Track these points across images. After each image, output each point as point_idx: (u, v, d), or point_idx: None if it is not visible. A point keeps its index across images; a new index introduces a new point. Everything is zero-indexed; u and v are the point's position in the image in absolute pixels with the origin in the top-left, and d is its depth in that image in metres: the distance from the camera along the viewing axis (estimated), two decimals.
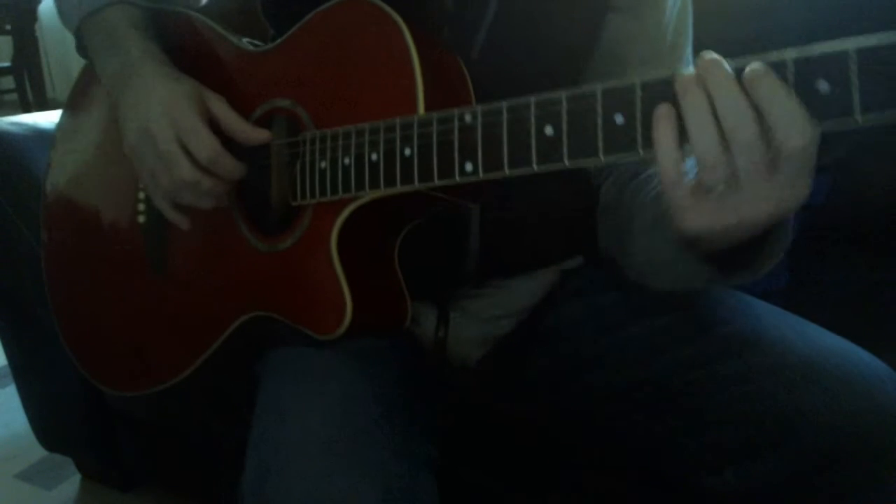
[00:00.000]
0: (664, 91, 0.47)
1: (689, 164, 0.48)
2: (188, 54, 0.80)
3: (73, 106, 0.93)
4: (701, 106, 0.45)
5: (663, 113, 0.47)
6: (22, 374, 1.25)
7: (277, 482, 0.59)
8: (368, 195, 0.63)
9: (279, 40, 0.73)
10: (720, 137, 0.45)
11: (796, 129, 0.43)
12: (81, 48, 0.84)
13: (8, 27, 4.17)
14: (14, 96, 4.59)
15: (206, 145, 0.69)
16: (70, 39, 0.85)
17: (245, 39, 0.79)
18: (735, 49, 0.73)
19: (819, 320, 0.66)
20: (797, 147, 0.43)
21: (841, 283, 0.45)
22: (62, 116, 0.94)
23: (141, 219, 0.83)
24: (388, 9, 0.63)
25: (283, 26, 0.72)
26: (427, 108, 0.60)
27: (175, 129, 0.69)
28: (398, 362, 0.72)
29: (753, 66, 0.44)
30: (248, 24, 0.83)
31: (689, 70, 0.47)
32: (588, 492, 0.82)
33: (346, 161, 0.63)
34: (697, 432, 0.67)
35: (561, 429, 0.82)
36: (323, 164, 0.65)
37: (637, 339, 0.72)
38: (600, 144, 0.50)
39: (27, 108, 4.29)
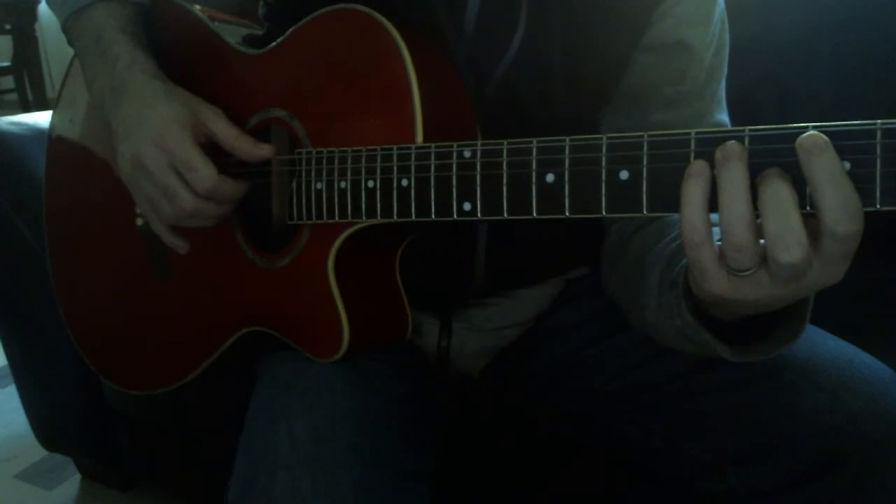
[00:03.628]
0: (673, 149, 0.46)
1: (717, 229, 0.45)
2: (181, 54, 0.78)
3: (64, 104, 0.91)
4: (739, 182, 0.43)
5: (696, 171, 0.44)
6: (22, 374, 1.25)
7: (261, 497, 0.59)
8: (365, 222, 0.62)
9: (277, 42, 0.71)
10: (752, 219, 0.43)
11: (849, 214, 0.41)
12: (70, 44, 0.80)
13: (8, 27, 4.18)
14: (14, 96, 4.61)
15: (203, 177, 0.66)
16: None
17: (244, 26, 0.77)
18: (735, 49, 0.74)
19: (819, 321, 0.66)
20: (848, 233, 0.41)
21: (841, 284, 0.45)
22: (54, 115, 0.92)
23: (139, 221, 0.82)
24: (391, 29, 0.61)
25: (285, 28, 0.70)
26: (427, 135, 0.59)
27: (169, 158, 0.67)
28: (396, 374, 0.71)
29: (813, 137, 0.41)
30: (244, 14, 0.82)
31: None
32: (588, 493, 0.82)
33: (343, 185, 0.62)
34: (699, 435, 0.67)
35: (561, 429, 0.82)
36: (319, 186, 0.64)
37: (637, 343, 0.72)
38: (603, 200, 0.49)
39: (27, 108, 4.30)
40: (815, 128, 0.42)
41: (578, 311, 0.80)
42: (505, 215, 0.53)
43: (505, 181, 0.53)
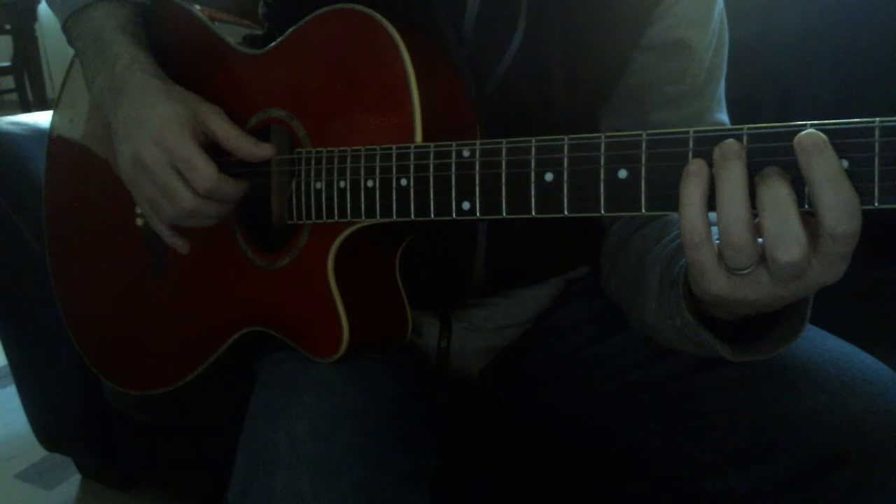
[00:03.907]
0: (671, 147, 0.46)
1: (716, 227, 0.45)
2: (181, 55, 0.78)
3: (64, 104, 0.91)
4: (737, 181, 0.43)
5: (695, 170, 0.44)
6: (22, 374, 1.25)
7: (260, 497, 0.59)
8: (365, 222, 0.62)
9: (276, 42, 0.71)
10: (751, 219, 0.43)
11: (848, 214, 0.41)
12: (71, 44, 0.80)
13: (8, 27, 4.18)
14: (14, 96, 4.61)
15: (203, 176, 0.66)
16: None
17: (243, 26, 0.77)
18: (735, 49, 0.74)
19: (819, 321, 0.66)
20: (847, 232, 0.41)
21: (841, 284, 0.45)
22: (54, 116, 0.92)
23: (139, 222, 0.83)
24: (390, 29, 0.61)
25: (285, 28, 0.70)
26: (426, 134, 0.59)
27: (169, 157, 0.66)
28: (396, 374, 0.71)
29: (812, 136, 0.41)
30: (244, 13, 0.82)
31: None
32: (588, 493, 0.82)
33: (342, 184, 0.62)
34: (698, 435, 0.67)
35: (561, 429, 0.82)
36: (318, 185, 0.64)
37: (637, 342, 0.72)
38: (602, 199, 0.49)
39: (27, 108, 4.30)
40: (813, 126, 0.42)
41: (578, 311, 0.80)
42: (504, 214, 0.53)
43: (504, 180, 0.53)
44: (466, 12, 0.67)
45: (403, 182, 0.58)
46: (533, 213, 0.52)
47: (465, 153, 0.55)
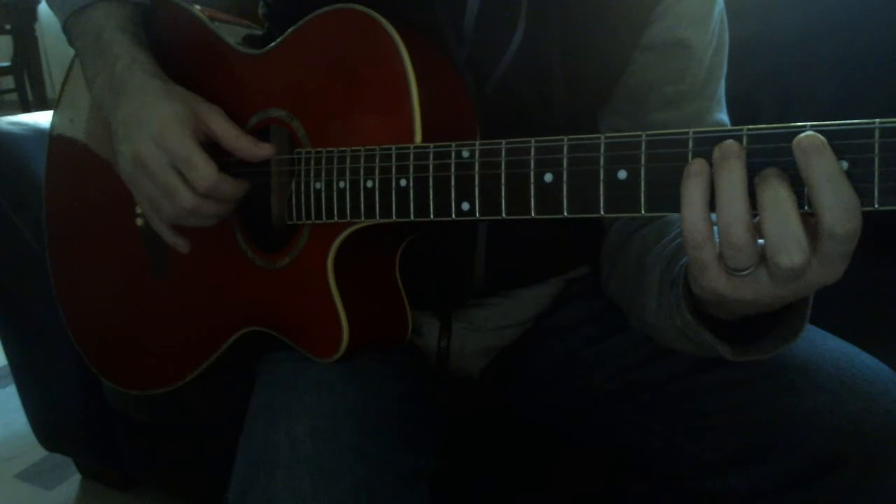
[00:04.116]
0: (671, 148, 0.46)
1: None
2: (181, 55, 0.78)
3: (64, 104, 0.91)
4: (737, 182, 0.43)
5: (696, 170, 0.45)
6: (22, 374, 1.25)
7: (260, 497, 0.59)
8: (364, 222, 0.62)
9: (276, 43, 0.71)
10: (751, 219, 0.43)
11: (847, 214, 0.41)
12: (71, 44, 0.80)
13: (8, 27, 4.18)
14: (14, 96, 4.61)
15: (203, 175, 0.66)
16: None
17: (243, 26, 0.78)
18: (735, 49, 0.74)
19: (819, 321, 0.66)
20: (847, 233, 0.41)
21: (841, 284, 0.46)
22: (54, 116, 0.92)
23: (139, 222, 0.83)
24: (390, 29, 0.61)
25: (285, 28, 0.70)
26: (426, 134, 0.59)
27: (169, 157, 0.67)
28: (396, 374, 0.72)
29: (811, 138, 0.41)
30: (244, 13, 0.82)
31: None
32: (588, 493, 0.82)
33: (342, 184, 0.62)
34: (698, 435, 0.67)
35: (561, 429, 0.82)
36: (318, 185, 0.64)
37: (637, 342, 0.72)
38: (601, 200, 0.49)
39: (27, 108, 4.30)
40: (813, 127, 0.42)
41: (578, 311, 0.80)
42: (503, 215, 0.53)
43: (503, 181, 0.53)
44: (466, 12, 0.67)
45: (403, 182, 0.58)
46: (532, 214, 0.52)
47: (465, 153, 0.55)
